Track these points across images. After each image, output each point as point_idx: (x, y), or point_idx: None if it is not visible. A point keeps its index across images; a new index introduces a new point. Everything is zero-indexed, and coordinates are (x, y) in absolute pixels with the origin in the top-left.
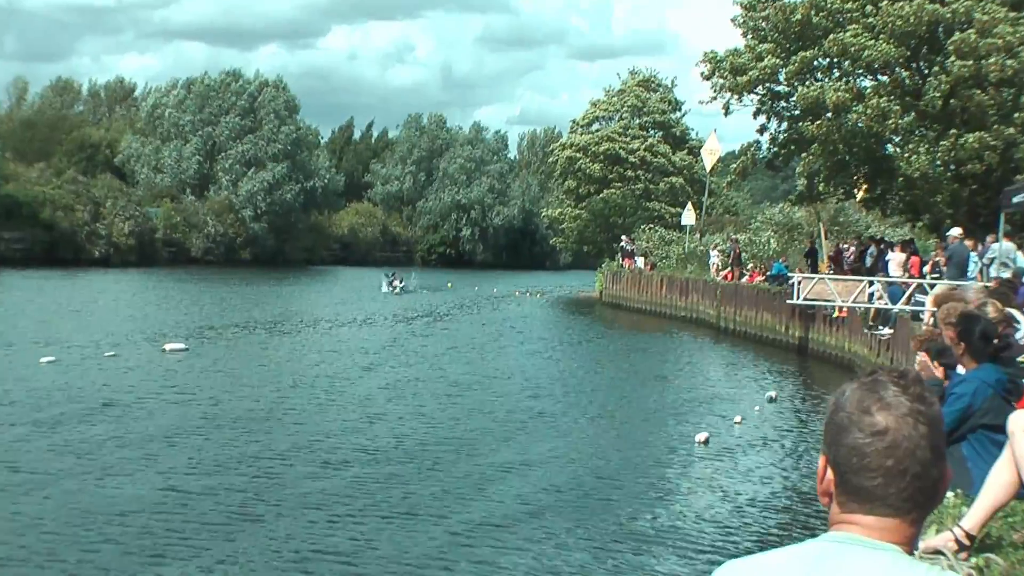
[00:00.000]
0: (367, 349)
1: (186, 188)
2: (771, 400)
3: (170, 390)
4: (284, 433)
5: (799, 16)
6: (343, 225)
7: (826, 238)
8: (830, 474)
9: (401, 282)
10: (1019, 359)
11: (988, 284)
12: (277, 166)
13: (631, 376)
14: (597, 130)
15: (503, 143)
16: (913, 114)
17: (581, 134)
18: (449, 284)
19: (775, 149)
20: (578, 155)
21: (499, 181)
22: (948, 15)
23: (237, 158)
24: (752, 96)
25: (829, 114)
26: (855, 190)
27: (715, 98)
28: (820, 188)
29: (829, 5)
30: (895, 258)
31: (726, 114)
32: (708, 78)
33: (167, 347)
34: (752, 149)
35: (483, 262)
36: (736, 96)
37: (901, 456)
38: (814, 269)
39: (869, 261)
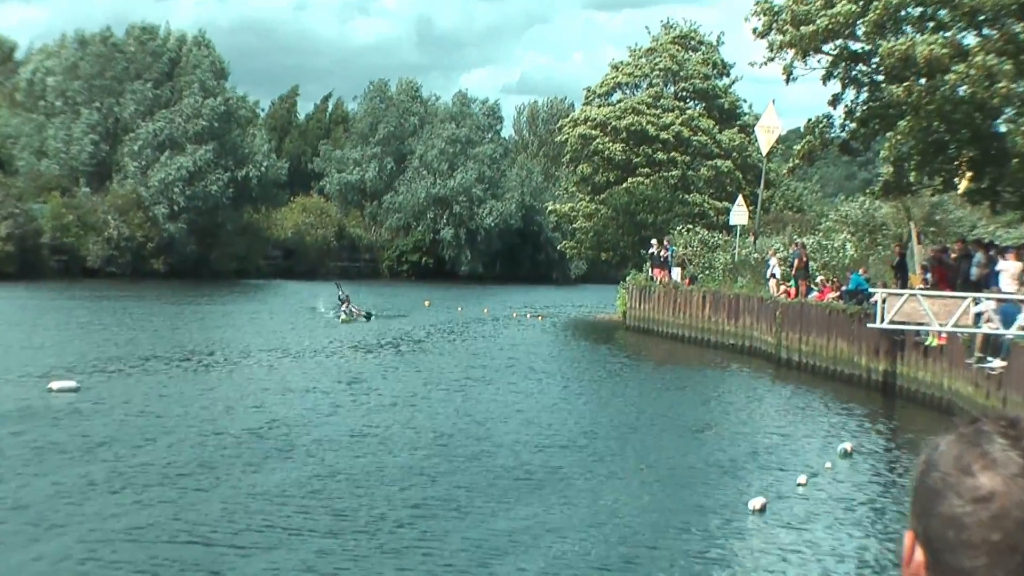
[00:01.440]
0: (321, 388)
1: (80, 178)
2: (845, 455)
3: (60, 440)
4: (214, 497)
5: None
6: (286, 226)
7: (919, 242)
8: (920, 554)
9: (345, 303)
10: None
11: None
12: (200, 149)
13: (665, 423)
14: (619, 101)
15: (496, 118)
16: None
17: (599, 106)
18: (426, 303)
19: (852, 125)
20: (594, 133)
21: (491, 168)
22: None
23: (147, 139)
24: (821, 56)
25: (922, 80)
26: (956, 179)
27: (772, 59)
28: (911, 176)
29: None
30: (1008, 268)
31: (787, 80)
32: (763, 35)
33: (53, 386)
34: (822, 126)
35: (470, 274)
36: (800, 56)
37: (1011, 528)
38: (904, 283)
39: (975, 272)
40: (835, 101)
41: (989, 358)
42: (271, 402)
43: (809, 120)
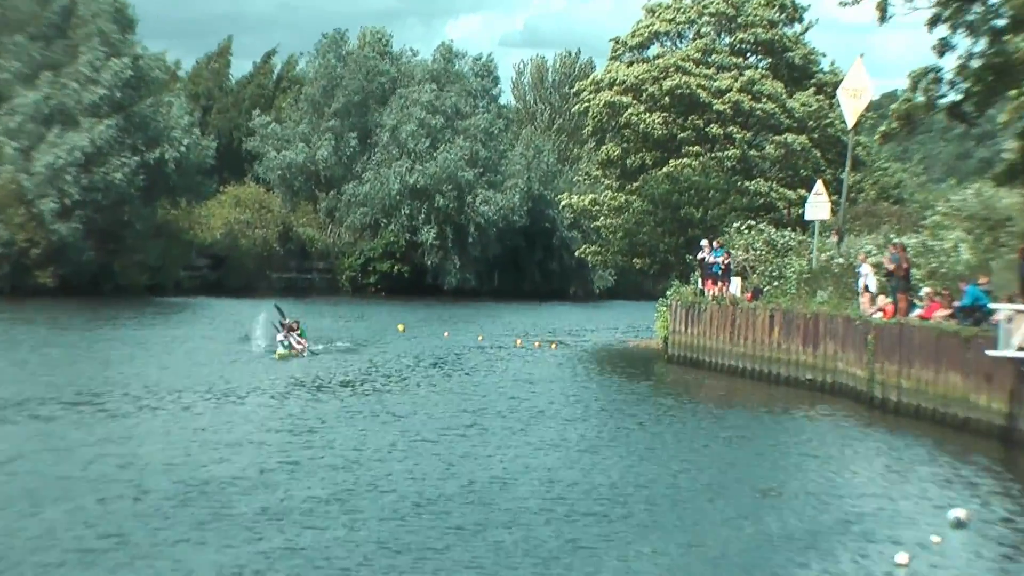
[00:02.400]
0: (264, 440)
1: None
2: (958, 525)
3: None
4: None
5: None
6: (214, 226)
7: None
8: None
9: (285, 331)
10: None
11: None
12: (99, 124)
13: (722, 484)
14: (657, 56)
15: (493, 79)
16: None
17: (630, 63)
18: (400, 327)
19: (966, 84)
20: (625, 100)
21: (486, 146)
22: None
23: (30, 111)
24: None
25: None
26: None
27: None
28: None
29: None
30: None
31: (882, 19)
32: None
33: None
34: (927, 83)
35: (460, 288)
36: None
37: None
38: None
39: None
40: (943, 49)
41: None
42: (199, 457)
43: (912, 74)
